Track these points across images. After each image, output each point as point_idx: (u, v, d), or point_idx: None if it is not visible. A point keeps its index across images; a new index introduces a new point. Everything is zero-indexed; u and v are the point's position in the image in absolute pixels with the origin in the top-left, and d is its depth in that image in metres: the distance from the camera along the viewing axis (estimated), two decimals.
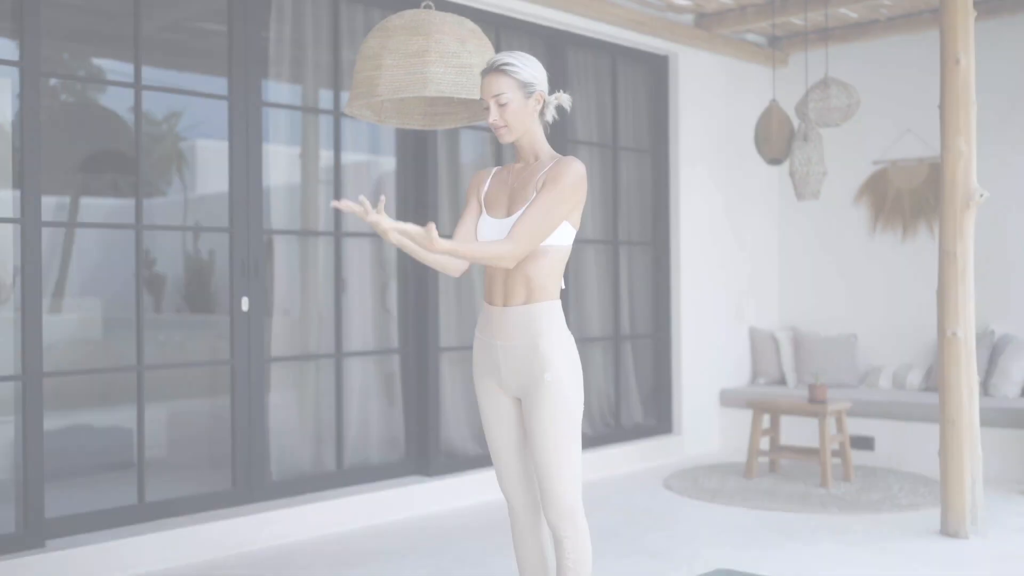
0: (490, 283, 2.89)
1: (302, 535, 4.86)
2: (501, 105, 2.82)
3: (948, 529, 4.78)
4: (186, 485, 5.13)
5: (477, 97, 3.06)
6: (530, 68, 2.85)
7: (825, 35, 6.88)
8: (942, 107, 4.81)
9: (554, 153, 2.92)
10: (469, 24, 3.38)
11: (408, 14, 3.34)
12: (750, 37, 7.51)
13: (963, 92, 4.76)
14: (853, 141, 7.36)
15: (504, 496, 3.04)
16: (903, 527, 4.98)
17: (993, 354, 6.59)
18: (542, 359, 2.79)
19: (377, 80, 3.30)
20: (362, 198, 2.52)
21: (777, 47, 7.62)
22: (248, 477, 4.89)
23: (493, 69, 2.83)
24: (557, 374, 2.79)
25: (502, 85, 2.81)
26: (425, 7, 3.47)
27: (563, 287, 2.91)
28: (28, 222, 4.13)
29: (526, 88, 2.83)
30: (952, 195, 4.78)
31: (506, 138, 2.88)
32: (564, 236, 2.82)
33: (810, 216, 7.66)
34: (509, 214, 2.84)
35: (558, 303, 2.85)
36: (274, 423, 5.18)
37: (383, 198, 2.55)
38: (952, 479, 4.76)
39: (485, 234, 2.87)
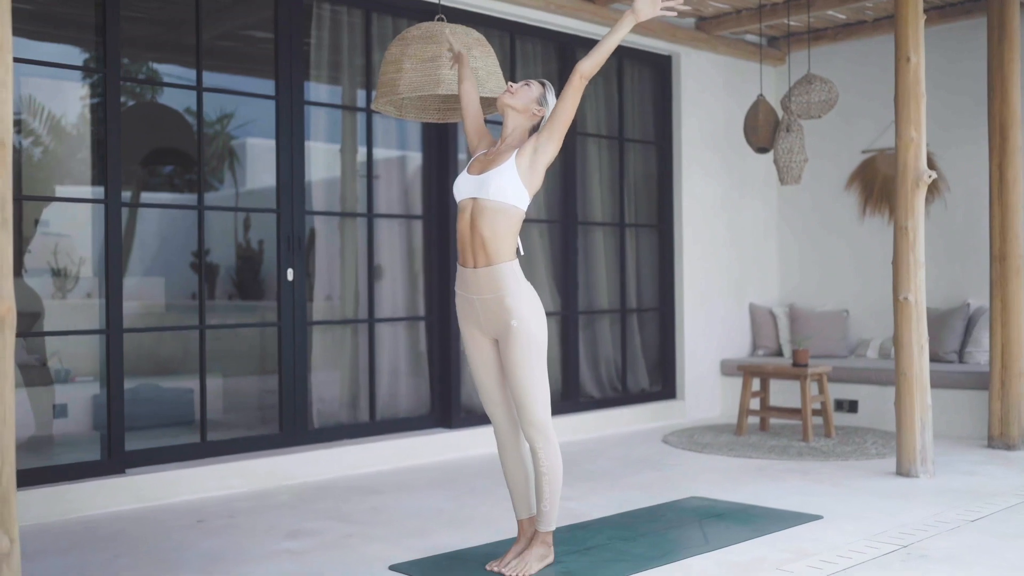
0: (461, 249, 3.65)
1: (339, 472, 5.64)
2: (524, 84, 3.75)
3: (901, 469, 5.44)
4: (239, 433, 5.95)
5: (482, 95, 3.84)
6: (553, 98, 3.77)
7: (815, 35, 7.54)
8: (896, 100, 5.47)
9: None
10: (475, 34, 4.15)
11: (424, 25, 4.11)
12: (749, 38, 8.17)
13: (913, 86, 5.41)
14: (844, 132, 8.02)
15: (490, 418, 3.81)
16: (865, 470, 5.65)
17: (968, 325, 7.21)
18: (508, 310, 3.56)
19: (398, 81, 4.07)
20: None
21: (775, 47, 8.28)
22: (293, 424, 5.68)
23: (539, 79, 3.83)
24: (522, 320, 3.56)
25: (535, 83, 3.77)
26: (438, 19, 4.23)
27: (521, 253, 3.66)
28: (111, 203, 4.95)
29: (541, 99, 3.74)
30: (904, 177, 5.44)
31: (505, 99, 3.73)
32: (521, 199, 3.57)
33: (805, 201, 8.32)
34: (480, 174, 3.61)
35: (515, 263, 3.60)
36: (315, 383, 5.97)
37: None
38: (905, 425, 5.42)
39: (461, 187, 3.65)
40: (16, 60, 4.72)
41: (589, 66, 3.50)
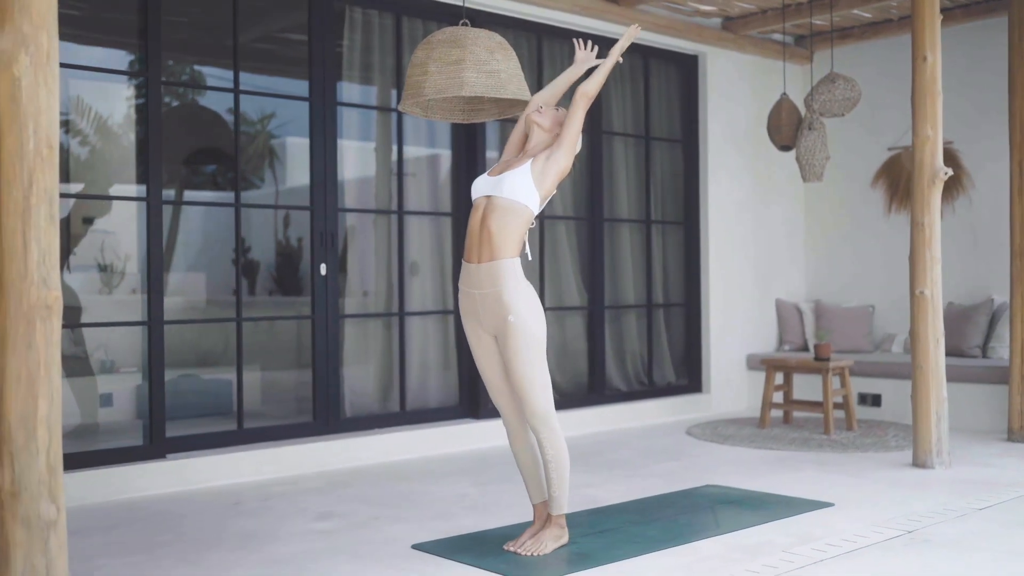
0: (468, 245, 3.85)
1: (370, 460, 5.86)
2: (553, 110, 4.02)
3: (917, 461, 5.55)
4: (275, 422, 6.18)
5: (504, 97, 4.03)
6: None
7: (842, 34, 7.64)
8: (912, 99, 5.58)
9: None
10: (497, 38, 4.32)
11: (449, 30, 4.29)
12: (776, 37, 8.28)
13: (930, 85, 5.52)
14: (870, 129, 8.11)
15: (497, 408, 4.02)
16: (882, 462, 5.77)
17: (992, 320, 7.28)
18: (505, 306, 3.75)
19: (424, 84, 4.25)
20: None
21: (802, 46, 8.39)
22: (326, 413, 5.90)
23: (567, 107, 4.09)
24: (519, 316, 3.75)
25: (563, 108, 4.06)
26: (463, 24, 4.41)
27: (529, 257, 3.85)
28: (152, 201, 5.20)
29: (561, 124, 3.99)
30: (921, 174, 5.55)
31: (534, 117, 3.99)
32: (532, 200, 3.77)
33: (832, 198, 8.42)
34: (499, 174, 3.83)
35: (517, 261, 3.79)
36: (348, 374, 6.19)
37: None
38: (921, 417, 5.53)
39: (479, 186, 3.87)
40: (63, 65, 4.98)
41: (592, 87, 3.84)
